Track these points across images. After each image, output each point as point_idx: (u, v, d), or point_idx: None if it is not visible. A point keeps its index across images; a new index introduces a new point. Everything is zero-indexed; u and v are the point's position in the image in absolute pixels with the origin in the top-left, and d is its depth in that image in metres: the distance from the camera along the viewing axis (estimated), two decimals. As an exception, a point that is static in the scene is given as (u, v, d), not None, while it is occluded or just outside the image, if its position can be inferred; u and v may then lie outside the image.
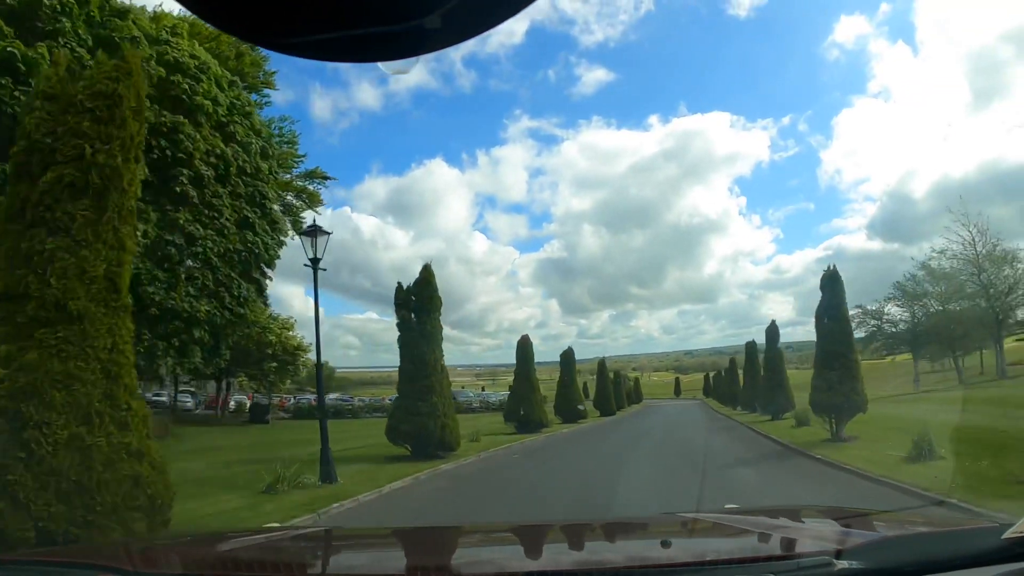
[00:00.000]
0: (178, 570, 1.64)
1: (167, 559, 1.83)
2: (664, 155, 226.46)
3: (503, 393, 58.35)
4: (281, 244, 26.95)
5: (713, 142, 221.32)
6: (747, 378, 28.98)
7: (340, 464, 11.21)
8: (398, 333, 15.02)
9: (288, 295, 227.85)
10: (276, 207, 28.36)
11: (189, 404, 36.94)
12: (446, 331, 15.72)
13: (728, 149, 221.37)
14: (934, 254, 31.49)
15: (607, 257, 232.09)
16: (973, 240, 29.94)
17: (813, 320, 14.00)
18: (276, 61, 29.85)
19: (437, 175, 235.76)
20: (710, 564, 1.47)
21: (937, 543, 1.55)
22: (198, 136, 21.39)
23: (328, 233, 12.45)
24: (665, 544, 1.81)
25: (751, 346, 29.35)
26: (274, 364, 34.75)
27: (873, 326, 33.98)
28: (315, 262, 12.02)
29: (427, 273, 15.17)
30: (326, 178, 38.59)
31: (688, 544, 1.98)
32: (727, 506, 3.53)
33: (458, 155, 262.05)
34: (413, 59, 0.81)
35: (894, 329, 33.31)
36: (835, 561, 1.31)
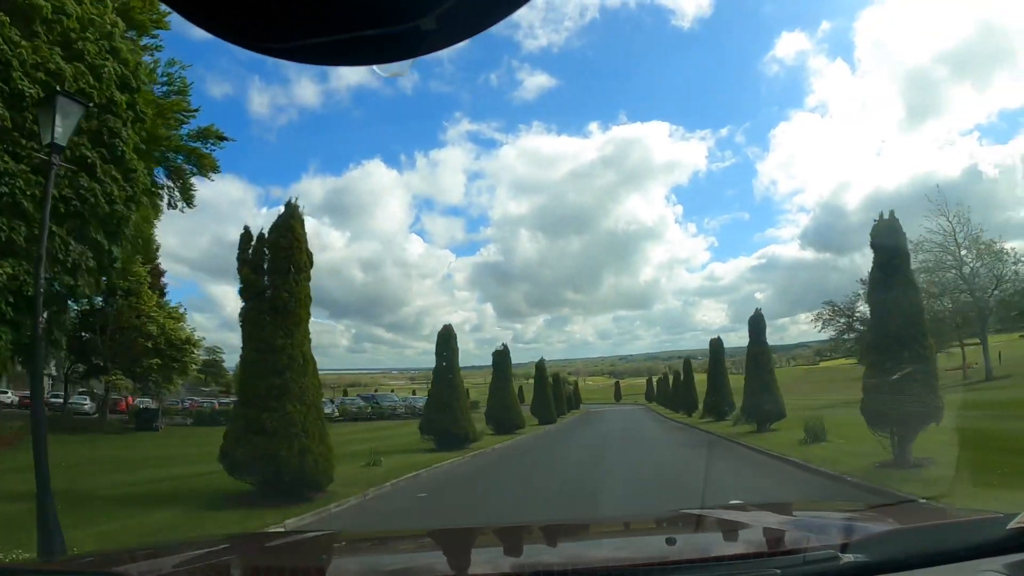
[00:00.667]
0: None
1: (170, 564, 1.83)
2: (603, 162, 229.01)
3: (353, 399, 51.74)
4: (153, 208, 20.60)
5: (652, 151, 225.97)
6: (712, 380, 25.10)
7: (125, 510, 7.89)
8: (241, 305, 9.56)
9: (221, 295, 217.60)
10: (142, 164, 21.73)
11: (87, 407, 32.37)
12: (381, 333, 11.29)
13: (666, 158, 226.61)
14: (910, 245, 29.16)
15: (543, 262, 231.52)
16: (953, 230, 27.85)
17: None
18: (213, 48, 23.40)
19: (375, 176, 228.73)
20: (715, 560, 1.51)
21: (941, 535, 1.54)
22: (24, 43, 15.33)
23: (83, 104, 6.96)
24: (670, 541, 1.78)
25: (716, 343, 25.59)
26: (156, 361, 28.23)
27: (843, 324, 31.41)
28: (51, 150, 6.44)
29: (291, 216, 9.74)
30: (222, 138, 31.92)
31: (694, 541, 1.91)
32: (732, 501, 3.21)
33: (397, 157, 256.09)
34: (408, 61, 0.80)
35: (863, 328, 30.83)
36: (841, 555, 1.33)
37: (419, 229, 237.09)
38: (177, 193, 30.44)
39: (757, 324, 18.99)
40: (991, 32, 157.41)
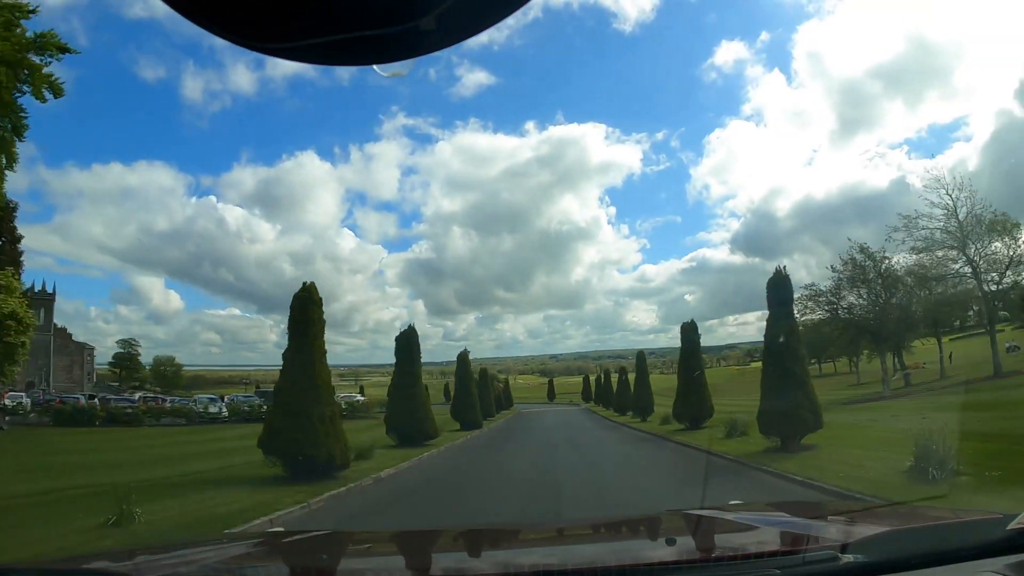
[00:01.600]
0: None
1: (172, 565, 1.85)
2: (538, 161, 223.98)
3: (250, 395, 43.58)
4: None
5: (588, 151, 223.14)
6: (683, 381, 19.90)
7: None
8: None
9: (147, 287, 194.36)
10: None
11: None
12: None
13: (602, 159, 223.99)
14: (901, 221, 24.98)
15: (475, 260, 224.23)
16: (955, 207, 23.78)
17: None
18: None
19: (308, 168, 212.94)
20: (715, 560, 1.54)
21: (941, 535, 1.54)
22: None
23: None
24: (670, 541, 1.75)
25: (690, 326, 20.28)
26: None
27: (827, 310, 26.90)
28: None
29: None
30: (65, 49, 22.84)
31: (693, 541, 1.92)
32: (731, 502, 2.87)
33: (331, 149, 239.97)
34: (408, 61, 0.80)
35: (849, 316, 26.50)
36: (840, 555, 1.32)
37: (351, 224, 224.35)
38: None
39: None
40: (925, 50, 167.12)
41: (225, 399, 39.27)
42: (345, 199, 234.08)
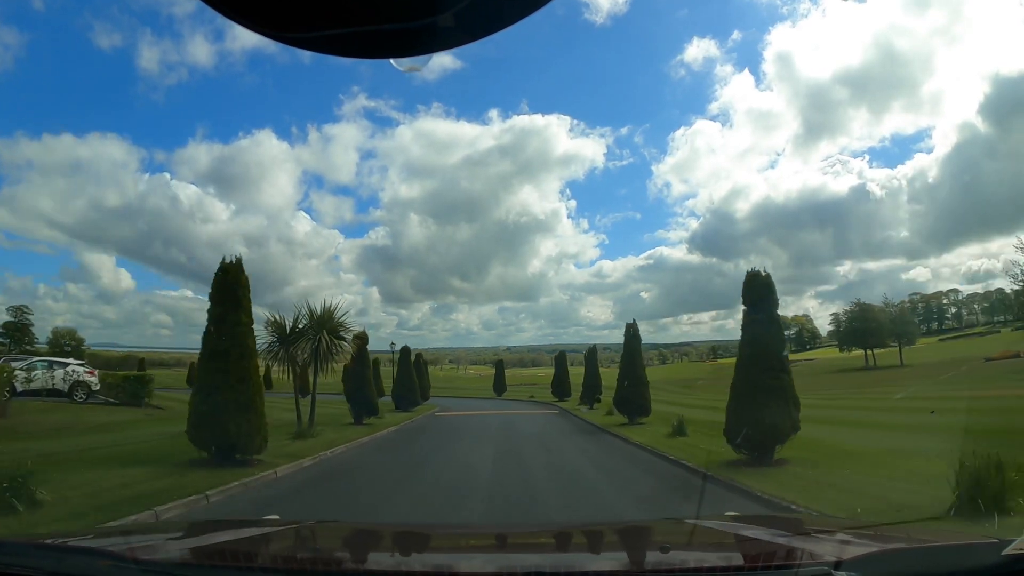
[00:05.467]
0: (176, 559, 1.68)
1: (165, 547, 1.86)
2: (500, 151, 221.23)
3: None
4: None
5: (551, 143, 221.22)
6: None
7: None
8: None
9: (97, 264, 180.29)
10: None
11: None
12: (262, 312, 14.28)
13: (565, 152, 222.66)
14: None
15: (432, 248, 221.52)
16: None
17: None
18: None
19: (265, 147, 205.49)
20: (708, 571, 1.56)
21: (936, 557, 1.54)
22: None
23: None
24: (664, 549, 1.74)
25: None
26: None
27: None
28: None
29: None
30: None
31: (689, 550, 1.94)
32: (727, 513, 3.16)
33: (288, 129, 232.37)
34: (425, 56, 0.81)
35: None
36: (834, 572, 1.31)
37: (307, 206, 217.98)
38: None
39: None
40: (893, 60, 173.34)
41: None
42: (302, 181, 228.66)
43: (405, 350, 30.07)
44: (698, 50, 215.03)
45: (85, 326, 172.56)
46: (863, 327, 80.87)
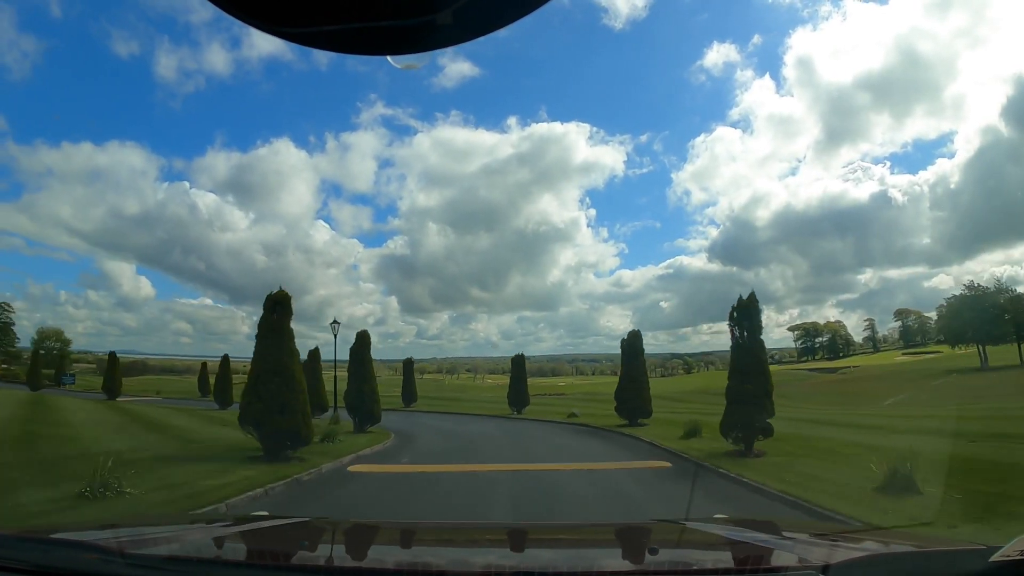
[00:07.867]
0: (164, 553, 1.63)
1: (154, 542, 1.83)
2: (519, 159, 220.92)
3: None
4: None
5: (570, 151, 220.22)
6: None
7: None
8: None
9: (118, 272, 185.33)
10: None
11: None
12: None
13: (584, 160, 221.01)
14: None
15: (450, 257, 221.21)
16: None
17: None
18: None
19: (283, 156, 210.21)
20: (696, 573, 1.58)
21: (923, 563, 1.54)
22: None
23: None
24: (653, 551, 1.78)
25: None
26: None
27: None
28: None
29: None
30: None
31: (676, 552, 1.95)
32: (716, 516, 2.93)
33: (306, 137, 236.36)
34: (424, 54, 0.80)
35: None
36: None
37: (326, 215, 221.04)
38: None
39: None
40: (915, 64, 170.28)
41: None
42: (320, 190, 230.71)
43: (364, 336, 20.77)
44: (718, 55, 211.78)
45: (106, 333, 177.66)
46: (982, 316, 63.57)
